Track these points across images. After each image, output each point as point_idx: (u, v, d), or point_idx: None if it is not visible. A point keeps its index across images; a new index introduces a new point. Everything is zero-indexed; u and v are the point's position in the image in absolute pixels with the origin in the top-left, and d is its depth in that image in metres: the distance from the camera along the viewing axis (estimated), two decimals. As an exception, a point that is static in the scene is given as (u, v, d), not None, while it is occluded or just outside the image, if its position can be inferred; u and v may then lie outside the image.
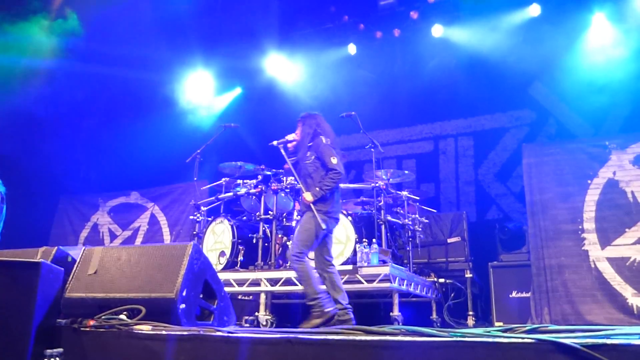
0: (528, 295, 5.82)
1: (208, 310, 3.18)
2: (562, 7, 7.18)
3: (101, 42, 7.79)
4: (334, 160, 4.40)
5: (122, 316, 2.81)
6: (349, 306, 4.29)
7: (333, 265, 4.47)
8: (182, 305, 2.87)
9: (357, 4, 8.11)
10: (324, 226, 4.26)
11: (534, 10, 7.34)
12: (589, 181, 5.84)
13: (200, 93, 8.94)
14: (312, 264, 4.49)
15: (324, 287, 4.33)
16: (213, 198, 6.21)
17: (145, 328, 2.64)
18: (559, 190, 5.95)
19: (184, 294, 2.90)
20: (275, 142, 4.78)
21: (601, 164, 5.84)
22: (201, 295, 3.11)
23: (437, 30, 7.90)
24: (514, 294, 5.97)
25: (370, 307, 6.46)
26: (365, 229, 5.61)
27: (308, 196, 4.35)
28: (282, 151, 4.69)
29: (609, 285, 5.46)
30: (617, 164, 5.79)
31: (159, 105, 8.58)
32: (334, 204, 4.46)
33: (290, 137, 4.74)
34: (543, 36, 7.31)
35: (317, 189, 4.37)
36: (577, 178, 5.90)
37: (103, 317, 2.82)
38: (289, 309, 6.66)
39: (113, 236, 8.23)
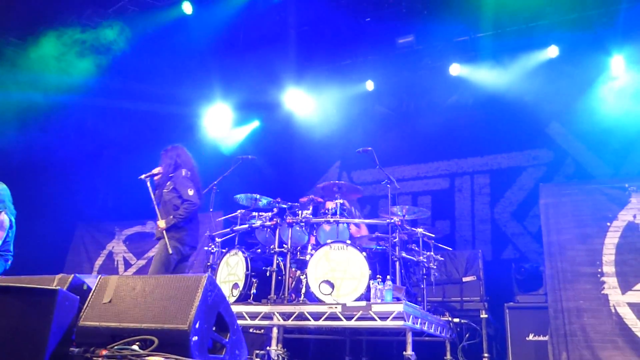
0: (545, 338, 5.68)
1: (220, 344, 3.15)
2: (580, 49, 7.23)
3: (124, 77, 8.04)
4: (190, 192, 4.93)
5: (135, 347, 2.80)
6: None
7: None
8: (195, 338, 2.85)
9: (376, 42, 8.25)
10: (170, 250, 4.71)
11: (552, 51, 7.40)
12: (608, 223, 5.75)
13: (219, 125, 9.10)
14: None
15: None
16: (228, 229, 6.23)
17: (157, 360, 2.63)
18: (577, 231, 5.87)
19: (197, 326, 2.88)
20: (143, 176, 5.16)
21: (621, 207, 5.77)
22: (214, 328, 3.09)
23: (455, 69, 8.00)
24: (530, 337, 5.83)
25: (383, 345, 6.36)
26: (380, 265, 5.56)
27: (161, 223, 4.87)
28: (148, 184, 5.09)
29: (630, 331, 5.31)
30: (637, 207, 5.71)
31: (178, 137, 8.69)
32: (189, 232, 4.97)
33: (155, 170, 5.17)
34: (561, 77, 7.36)
35: (171, 217, 4.88)
36: (596, 220, 5.82)
37: (115, 347, 2.81)
38: (302, 344, 6.58)
39: (127, 265, 8.27)
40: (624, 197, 5.79)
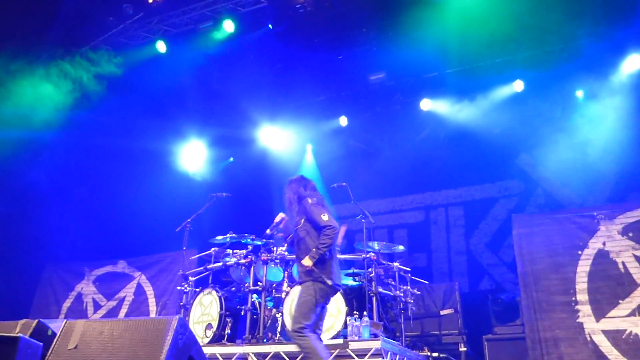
0: (525, 370, 5.65)
1: (191, 388, 3.05)
2: (545, 83, 7.48)
3: (97, 113, 7.99)
4: (325, 217, 4.20)
5: (101, 395, 2.69)
6: None
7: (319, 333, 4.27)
8: (164, 383, 2.75)
9: (349, 79, 8.41)
10: (318, 297, 4.08)
11: (518, 85, 7.64)
12: (580, 252, 5.85)
13: (193, 162, 9.05)
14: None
15: None
16: (202, 268, 6.13)
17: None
18: (550, 260, 5.95)
19: (167, 370, 2.79)
20: (268, 231, 4.82)
21: (590, 235, 5.88)
22: (185, 372, 2.99)
23: (426, 104, 8.18)
24: (510, 369, 5.80)
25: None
26: (356, 301, 5.50)
27: (307, 261, 4.11)
28: (277, 236, 4.72)
29: (606, 358, 5.33)
30: (606, 234, 5.83)
31: (150, 174, 8.65)
32: (333, 264, 4.24)
33: (277, 218, 4.69)
34: (528, 110, 7.58)
35: (314, 249, 4.13)
36: (568, 248, 5.92)
37: (80, 395, 2.69)
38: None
39: (97, 306, 8.00)
40: (593, 226, 5.91)
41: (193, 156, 9.06)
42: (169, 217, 7.09)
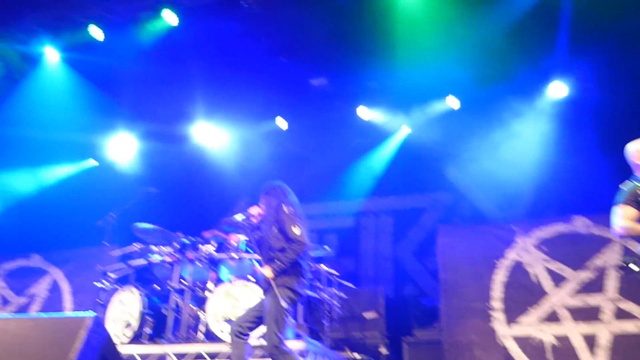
0: (440, 372, 5.86)
1: (102, 388, 2.93)
2: (476, 101, 7.80)
3: (21, 103, 7.58)
4: (296, 231, 4.07)
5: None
6: None
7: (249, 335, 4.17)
8: (72, 382, 2.63)
9: (290, 81, 8.41)
10: (285, 305, 3.91)
11: (453, 102, 7.94)
12: (497, 262, 6.15)
13: (121, 155, 8.72)
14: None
15: None
16: (123, 265, 5.90)
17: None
18: (469, 269, 6.21)
19: (76, 369, 2.67)
20: (238, 217, 4.49)
21: (508, 246, 6.21)
22: (96, 371, 2.88)
23: (363, 112, 8.33)
24: (427, 371, 6.00)
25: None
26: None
27: (267, 271, 4.00)
28: (246, 228, 4.45)
29: (514, 362, 5.64)
30: (522, 246, 6.17)
31: (73, 166, 8.28)
32: (299, 277, 4.11)
33: (253, 210, 4.43)
34: (460, 125, 7.86)
35: (277, 262, 4.01)
36: (486, 259, 6.21)
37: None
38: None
39: (5, 302, 7.44)
40: (510, 238, 6.24)
41: (122, 149, 8.73)
42: (91, 210, 6.79)
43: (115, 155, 8.73)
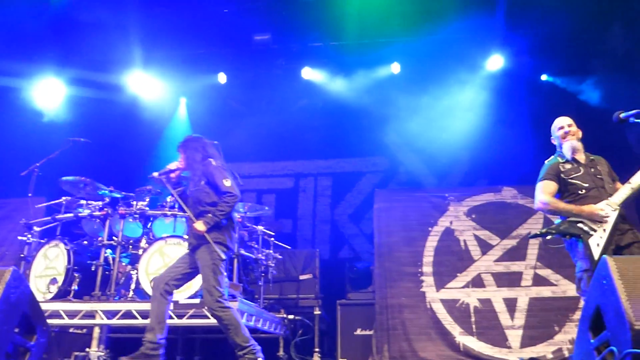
0: (371, 332, 6.05)
1: (24, 348, 2.78)
2: (418, 69, 7.89)
3: None
4: (227, 183, 4.05)
5: None
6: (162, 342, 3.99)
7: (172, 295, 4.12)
8: (-11, 341, 2.47)
9: (233, 35, 8.08)
10: (223, 256, 3.93)
11: (395, 67, 7.97)
12: (430, 228, 6.36)
13: (49, 102, 8.12)
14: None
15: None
16: (49, 218, 5.58)
17: None
18: (404, 234, 6.38)
19: (-6, 327, 2.50)
20: (156, 174, 4.23)
21: (441, 214, 6.42)
22: (16, 330, 2.72)
23: (307, 73, 8.19)
24: (358, 332, 6.17)
25: (216, 343, 6.24)
26: (218, 261, 5.43)
27: (200, 225, 3.92)
28: (166, 183, 4.21)
29: (441, 324, 5.92)
30: (454, 214, 6.40)
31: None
32: (231, 231, 4.13)
33: (172, 166, 4.25)
34: (402, 92, 7.94)
35: (210, 215, 3.96)
36: (420, 225, 6.40)
37: None
38: (130, 345, 6.14)
39: None
40: (443, 206, 6.45)
41: (50, 95, 8.12)
42: (14, 159, 6.34)
43: (42, 101, 8.11)
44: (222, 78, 8.34)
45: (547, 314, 5.83)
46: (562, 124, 4.00)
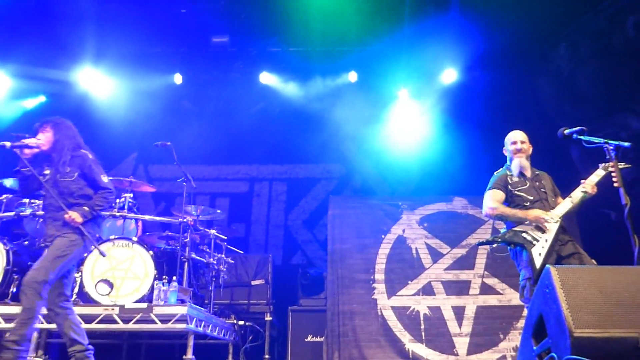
0: (322, 339, 6.05)
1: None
2: (375, 78, 8.01)
3: None
4: (105, 179, 4.06)
5: None
6: (90, 347, 3.87)
7: (70, 300, 3.99)
8: None
9: (190, 36, 7.96)
10: (101, 256, 3.99)
11: (352, 76, 8.06)
12: (383, 236, 6.44)
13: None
14: None
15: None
16: (-13, 216, 5.30)
17: None
18: (357, 241, 6.43)
19: None
20: (8, 144, 3.87)
21: (394, 221, 6.51)
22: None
23: (265, 77, 8.17)
24: (309, 338, 6.16)
25: (163, 349, 6.08)
26: (167, 265, 5.32)
27: (78, 217, 3.80)
28: (22, 158, 3.89)
29: (391, 331, 5.99)
30: (406, 222, 6.51)
31: None
32: (100, 226, 4.16)
33: (30, 142, 3.94)
34: (358, 100, 8.03)
35: (87, 208, 3.88)
36: (374, 232, 6.47)
37: None
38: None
39: None
40: (397, 214, 6.55)
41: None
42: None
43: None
44: (177, 79, 8.19)
45: (493, 322, 6.01)
46: (516, 139, 4.16)
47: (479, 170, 7.07)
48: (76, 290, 4.82)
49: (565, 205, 3.79)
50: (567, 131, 3.72)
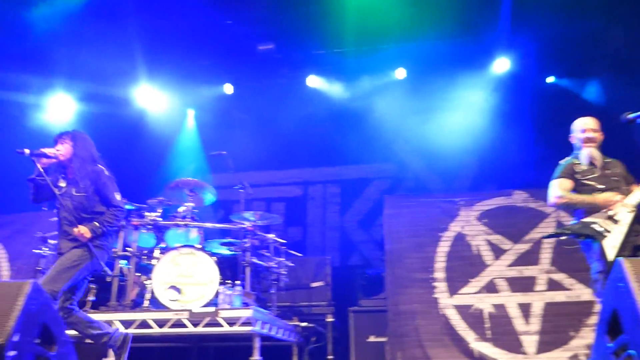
0: (384, 339, 6.04)
1: (44, 357, 2.80)
2: (424, 73, 7.91)
3: None
4: (118, 197, 4.12)
5: None
6: (114, 329, 4.09)
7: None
8: (12, 353, 2.49)
9: (237, 46, 8.16)
10: (106, 270, 4.07)
11: (400, 73, 8.00)
12: (441, 234, 6.33)
13: (60, 117, 8.23)
14: None
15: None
16: (63, 231, 5.62)
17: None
18: (414, 240, 6.36)
19: (16, 339, 2.53)
20: (27, 151, 3.95)
21: (451, 219, 6.39)
22: (37, 341, 2.74)
23: (312, 81, 8.25)
24: (371, 338, 6.15)
25: (230, 351, 6.24)
26: (230, 270, 5.47)
27: (87, 232, 3.87)
28: (38, 165, 3.99)
29: (454, 330, 5.89)
30: (465, 219, 6.37)
31: (12, 126, 7.75)
32: (111, 240, 4.23)
33: (49, 151, 4.02)
34: (407, 97, 7.97)
35: (97, 224, 3.94)
36: (431, 230, 6.37)
37: None
38: (145, 353, 6.17)
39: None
40: (454, 210, 6.43)
41: (60, 110, 8.25)
42: (26, 173, 6.39)
43: (54, 117, 8.23)
44: (228, 89, 8.41)
45: (562, 318, 5.78)
46: (586, 127, 3.98)
47: (536, 161, 6.89)
48: (148, 297, 5.04)
49: (639, 193, 3.60)
50: (631, 115, 3.56)
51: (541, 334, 5.73)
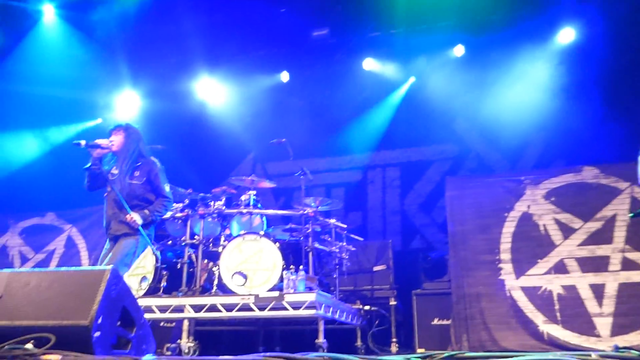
0: (448, 322, 5.98)
1: (125, 339, 3.01)
2: (483, 49, 7.66)
3: (27, 62, 7.49)
4: (167, 189, 4.45)
5: (29, 345, 2.59)
6: None
7: None
8: (97, 334, 2.69)
9: (291, 33, 8.22)
10: (159, 256, 4.52)
11: (459, 50, 7.79)
12: (506, 214, 6.14)
13: (127, 113, 8.66)
14: None
15: None
16: (136, 221, 5.95)
17: (54, 358, 2.45)
18: (478, 222, 6.21)
19: (100, 321, 2.73)
20: (83, 142, 4.17)
21: (517, 198, 6.17)
22: (118, 323, 2.94)
23: (368, 64, 8.18)
24: (435, 322, 6.12)
25: (295, 334, 6.40)
26: (293, 255, 5.59)
27: (138, 218, 4.20)
28: (93, 156, 4.26)
29: (522, 313, 5.72)
30: (531, 198, 6.14)
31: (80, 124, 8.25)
32: (155, 230, 4.53)
33: (103, 142, 4.29)
34: (467, 75, 7.75)
35: (147, 212, 4.28)
36: (495, 211, 6.19)
37: (6, 346, 2.58)
38: (215, 336, 6.47)
39: (24, 259, 7.61)
40: (519, 190, 6.20)
41: (127, 107, 8.68)
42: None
43: (121, 113, 8.67)
44: (284, 76, 8.51)
45: (638, 300, 5.49)
46: None
47: (608, 136, 6.52)
48: (215, 282, 5.25)
49: None
50: None
51: (615, 316, 5.47)
